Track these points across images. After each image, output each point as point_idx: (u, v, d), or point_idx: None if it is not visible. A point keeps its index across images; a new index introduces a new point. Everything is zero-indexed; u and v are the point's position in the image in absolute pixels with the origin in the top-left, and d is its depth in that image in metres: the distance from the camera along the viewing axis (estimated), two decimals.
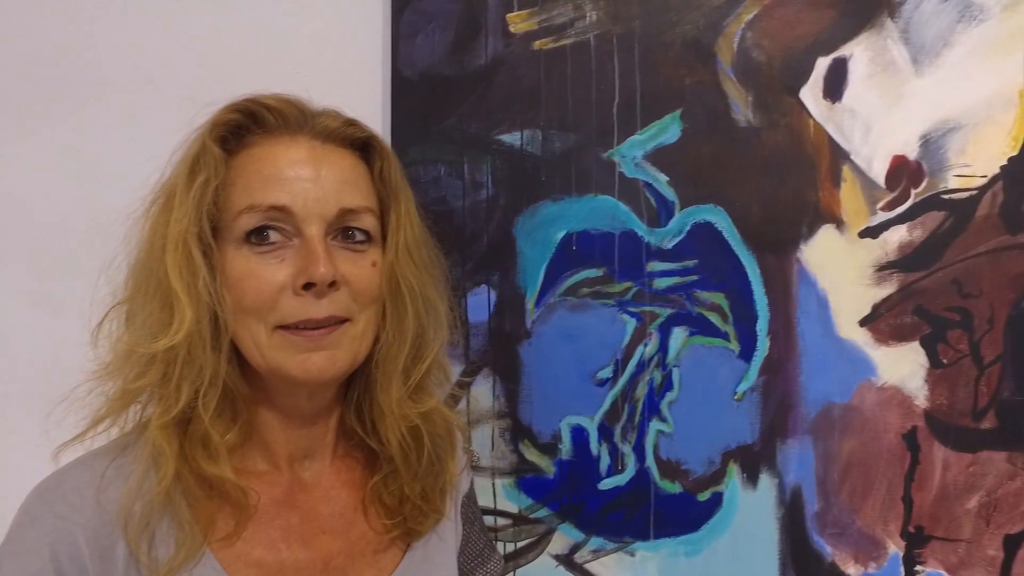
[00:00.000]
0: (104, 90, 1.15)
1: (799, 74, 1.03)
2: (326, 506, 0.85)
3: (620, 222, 1.09)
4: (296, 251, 0.76)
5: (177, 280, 0.74)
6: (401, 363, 0.83)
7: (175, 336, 0.73)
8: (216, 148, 0.76)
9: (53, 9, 1.17)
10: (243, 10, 1.13)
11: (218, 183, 0.76)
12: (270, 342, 0.76)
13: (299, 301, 0.76)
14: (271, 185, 0.76)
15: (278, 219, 0.76)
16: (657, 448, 1.09)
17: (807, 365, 1.04)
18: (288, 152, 0.78)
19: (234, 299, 0.76)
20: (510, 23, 1.10)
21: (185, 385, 0.75)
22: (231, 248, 0.76)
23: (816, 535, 1.04)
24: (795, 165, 1.04)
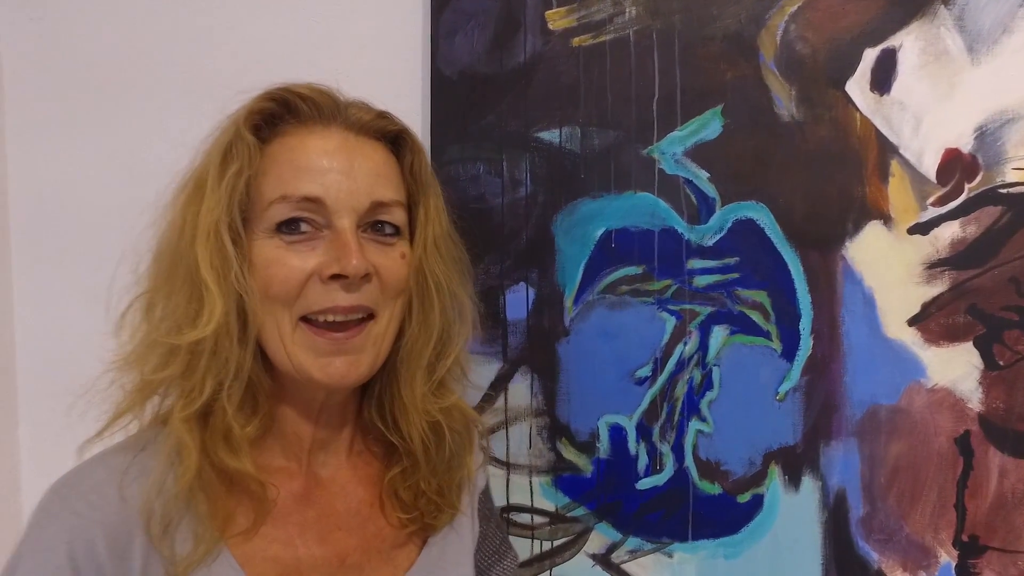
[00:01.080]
0: (152, 90, 1.08)
1: (845, 66, 0.90)
2: (342, 502, 0.77)
3: (660, 219, 0.97)
4: (327, 242, 0.69)
5: (208, 271, 0.66)
6: (426, 358, 0.75)
7: (205, 328, 0.66)
8: (250, 136, 0.69)
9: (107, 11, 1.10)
10: (287, 12, 1.05)
11: (251, 172, 0.68)
12: (293, 336, 0.69)
13: (326, 290, 0.68)
14: (304, 176, 0.69)
15: (310, 210, 0.69)
16: (696, 448, 0.97)
17: (852, 365, 0.92)
18: (322, 142, 0.70)
19: (261, 287, 0.68)
20: (549, 20, 0.99)
21: (210, 378, 0.68)
22: (261, 237, 0.69)
23: (861, 541, 0.91)
24: (840, 160, 0.91)
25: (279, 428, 0.74)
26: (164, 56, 1.07)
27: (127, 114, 1.06)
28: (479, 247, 1.01)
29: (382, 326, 0.72)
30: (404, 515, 0.77)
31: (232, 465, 0.68)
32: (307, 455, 0.76)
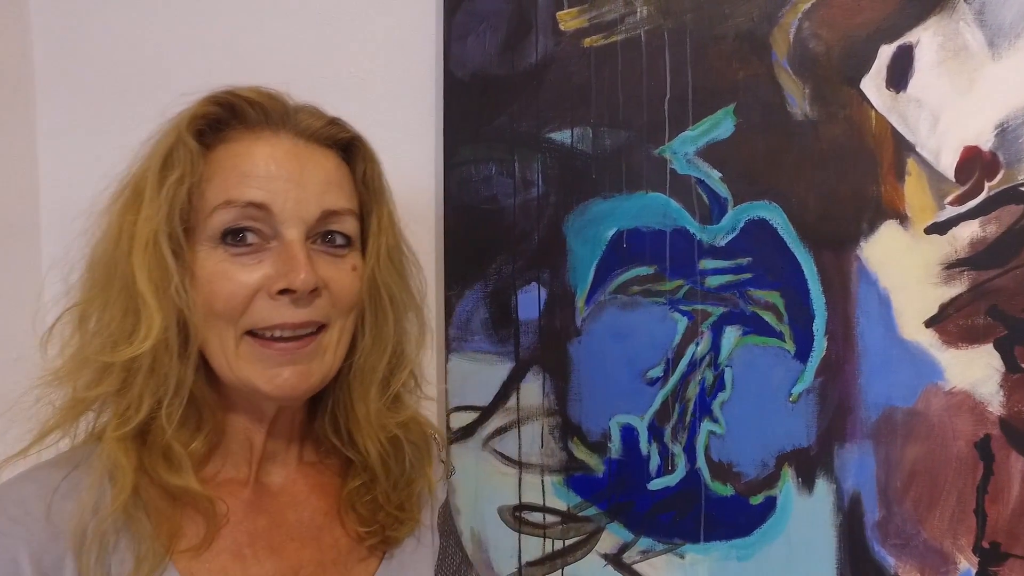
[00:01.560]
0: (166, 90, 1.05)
1: (860, 64, 0.85)
2: (294, 513, 0.70)
3: (671, 219, 0.92)
4: (274, 254, 0.63)
5: (146, 284, 0.60)
6: (380, 372, 0.70)
7: (142, 345, 0.60)
8: (193, 142, 0.62)
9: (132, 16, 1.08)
10: (303, 16, 1.01)
11: (193, 181, 0.62)
12: (238, 350, 0.63)
13: (274, 305, 0.62)
14: (250, 181, 0.62)
15: (256, 218, 0.63)
16: (708, 449, 0.92)
17: (867, 367, 0.86)
18: (270, 148, 0.64)
19: (204, 301, 0.62)
20: (560, 21, 0.94)
21: (147, 395, 0.61)
22: (204, 248, 0.63)
23: (877, 545, 0.85)
24: (855, 159, 0.86)
25: (227, 440, 0.68)
26: (184, 59, 1.05)
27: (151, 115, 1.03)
28: (491, 248, 0.98)
29: (334, 336, 0.67)
30: (363, 528, 0.71)
31: (174, 483, 0.62)
32: (255, 465, 0.69)
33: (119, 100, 1.08)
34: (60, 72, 1.10)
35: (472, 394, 1.00)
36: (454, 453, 1.01)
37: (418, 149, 0.99)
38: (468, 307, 1.00)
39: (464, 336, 1.00)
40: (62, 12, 1.10)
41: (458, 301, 1.00)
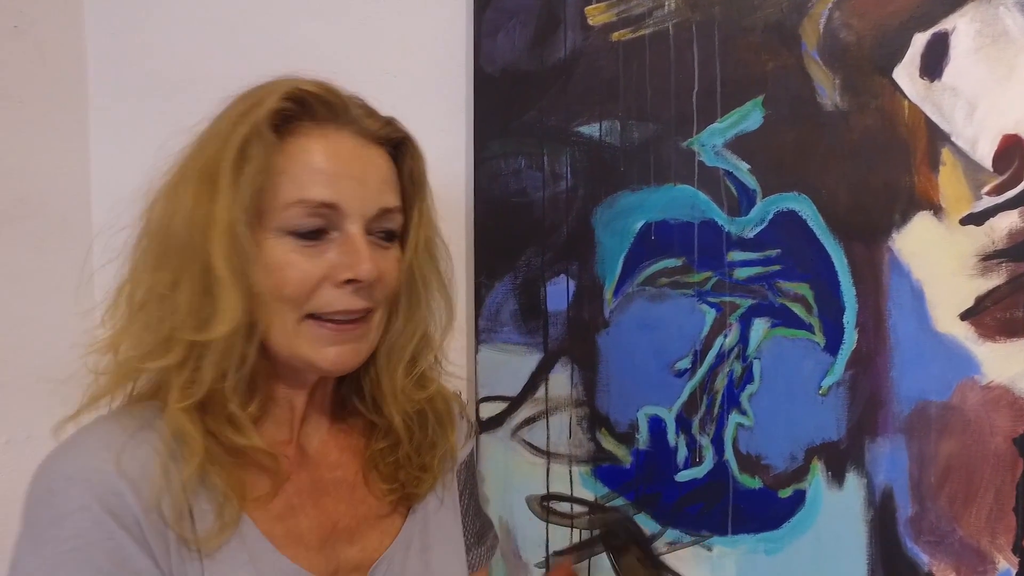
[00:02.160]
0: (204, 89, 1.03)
1: (892, 53, 0.79)
2: (328, 472, 0.73)
3: (699, 211, 0.87)
4: (336, 245, 0.64)
5: (225, 270, 0.60)
6: (409, 353, 0.71)
7: (221, 328, 0.60)
8: (271, 136, 0.62)
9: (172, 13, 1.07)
10: (339, 15, 0.99)
11: (269, 172, 0.62)
12: (297, 330, 0.64)
13: (338, 293, 0.64)
14: (321, 180, 0.63)
15: (325, 215, 0.64)
16: (736, 441, 0.87)
17: (900, 360, 0.80)
18: (336, 146, 0.65)
19: (273, 286, 0.62)
20: (588, 16, 0.90)
21: (211, 370, 0.62)
22: (272, 236, 0.63)
23: (910, 541, 0.79)
24: (887, 149, 0.80)
25: (273, 405, 0.69)
26: (228, 59, 1.03)
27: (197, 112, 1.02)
28: (521, 240, 0.94)
29: (377, 318, 0.69)
30: (385, 486, 0.73)
31: (241, 443, 0.63)
32: (295, 428, 0.71)
33: (167, 97, 1.07)
34: (112, 70, 1.10)
35: (501, 384, 0.96)
36: (483, 442, 0.97)
37: (449, 144, 0.95)
38: (498, 299, 0.96)
39: (493, 327, 0.97)
40: (115, 13, 1.09)
41: (488, 293, 0.96)
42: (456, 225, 0.96)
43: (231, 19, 1.04)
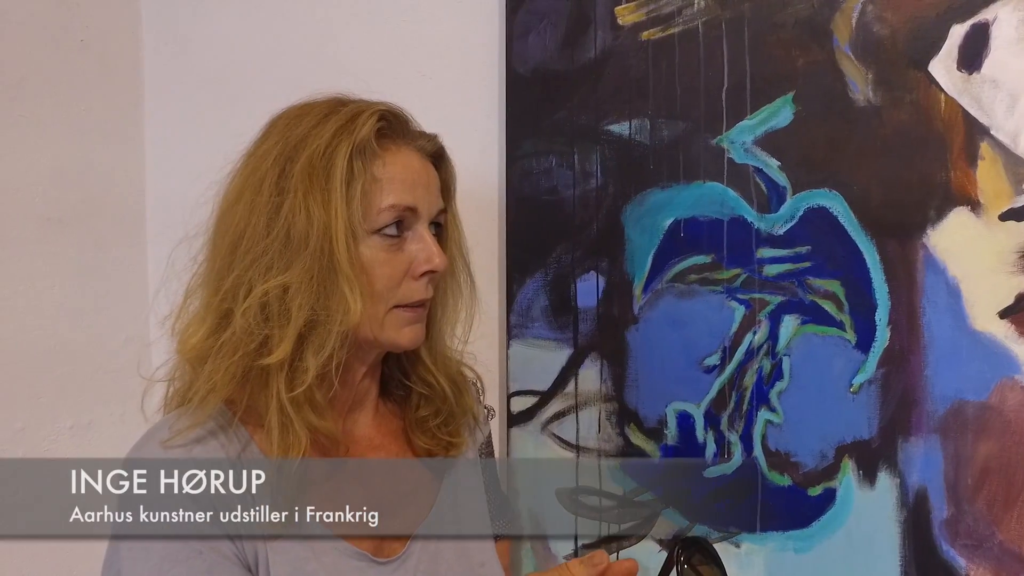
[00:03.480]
0: (246, 91, 1.06)
1: (928, 46, 0.75)
2: (373, 454, 0.78)
3: (729, 208, 0.84)
4: (410, 242, 0.72)
5: (349, 271, 0.66)
6: (449, 328, 0.79)
7: (352, 318, 0.66)
8: (379, 150, 0.70)
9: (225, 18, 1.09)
10: (375, 19, 1.00)
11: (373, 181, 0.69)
12: (386, 319, 0.71)
13: (416, 285, 0.72)
14: (406, 188, 0.71)
15: (406, 217, 0.71)
16: (765, 438, 0.83)
17: (934, 358, 0.76)
18: (411, 159, 0.73)
19: (366, 282, 0.69)
20: (618, 16, 0.88)
21: (315, 361, 0.67)
22: (363, 236, 0.70)
23: (946, 544, 0.75)
24: (921, 144, 0.76)
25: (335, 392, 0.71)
26: (276, 62, 1.05)
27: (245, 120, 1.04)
28: (551, 237, 0.93)
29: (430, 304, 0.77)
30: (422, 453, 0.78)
31: (321, 425, 0.68)
32: (346, 415, 0.76)
33: (217, 105, 1.09)
34: (166, 80, 1.13)
35: (532, 379, 0.95)
36: (514, 435, 0.96)
37: (482, 143, 0.95)
38: (528, 295, 0.95)
39: (524, 323, 0.95)
40: (169, 28, 1.12)
41: (519, 289, 0.95)
42: (488, 222, 0.95)
43: (276, 31, 1.06)
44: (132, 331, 1.12)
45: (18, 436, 1.03)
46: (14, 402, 1.02)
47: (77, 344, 1.07)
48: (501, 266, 0.96)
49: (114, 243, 1.11)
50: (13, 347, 1.02)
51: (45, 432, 1.05)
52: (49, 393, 1.05)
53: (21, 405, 1.03)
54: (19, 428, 1.03)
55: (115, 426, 1.11)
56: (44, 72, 1.04)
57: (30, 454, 1.03)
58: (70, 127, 1.06)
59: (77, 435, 1.09)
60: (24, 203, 1.02)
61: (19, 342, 1.02)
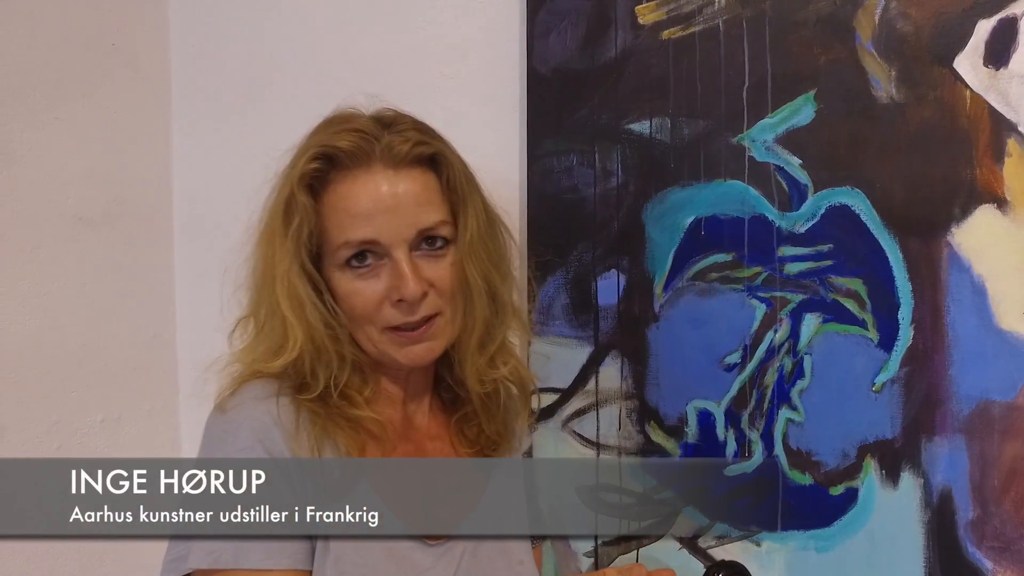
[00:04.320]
0: (270, 94, 1.07)
1: (953, 42, 0.74)
2: (430, 443, 0.80)
3: (750, 206, 0.83)
4: (388, 269, 0.71)
5: (288, 310, 0.70)
6: (474, 342, 0.76)
7: (291, 354, 0.70)
8: (304, 197, 0.71)
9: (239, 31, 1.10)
10: (397, 21, 1.00)
11: (311, 225, 0.71)
12: (380, 339, 0.73)
13: (396, 311, 0.71)
14: (359, 223, 0.70)
15: (369, 248, 0.71)
16: (786, 437, 0.82)
17: (959, 358, 0.74)
18: (367, 187, 0.71)
19: (346, 311, 0.72)
20: (639, 15, 0.87)
21: (320, 372, 0.71)
22: (336, 271, 0.72)
23: (971, 546, 0.73)
24: (946, 141, 0.74)
25: (381, 388, 0.77)
26: (301, 65, 1.05)
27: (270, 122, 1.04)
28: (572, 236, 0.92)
29: (447, 319, 0.74)
30: (468, 450, 0.80)
31: (356, 414, 0.72)
32: (403, 406, 0.79)
33: (243, 107, 1.09)
34: (194, 84, 1.13)
35: (552, 377, 0.94)
36: (535, 432, 0.96)
37: (503, 142, 0.94)
38: (549, 293, 0.94)
39: (545, 321, 0.94)
40: (197, 32, 1.13)
41: (540, 287, 0.94)
42: (509, 221, 0.93)
43: (299, 35, 1.06)
44: (159, 328, 1.13)
45: (53, 429, 1.04)
46: (48, 397, 1.03)
47: (107, 340, 1.08)
48: (522, 264, 0.96)
49: (142, 242, 1.12)
50: (47, 343, 1.03)
51: (78, 425, 1.06)
52: (81, 388, 1.07)
53: (55, 400, 1.04)
54: (54, 421, 1.04)
55: (144, 420, 1.12)
56: (77, 75, 1.06)
57: (64, 446, 1.05)
58: (101, 129, 1.08)
59: (108, 428, 1.10)
60: (57, 203, 1.04)
61: (52, 338, 1.04)
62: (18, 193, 1.01)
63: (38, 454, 1.04)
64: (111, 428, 1.11)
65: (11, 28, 1.00)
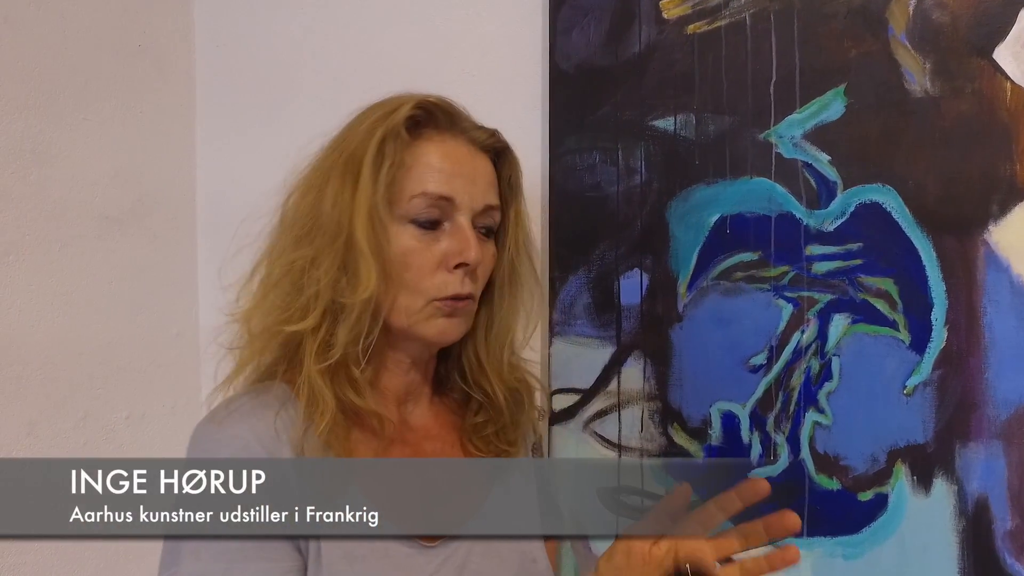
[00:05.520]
0: (293, 92, 1.05)
1: (993, 32, 0.70)
2: (429, 444, 0.77)
3: (777, 204, 0.80)
4: (448, 234, 0.70)
5: (367, 246, 0.67)
6: (511, 337, 0.76)
7: (364, 293, 0.66)
8: (407, 136, 0.69)
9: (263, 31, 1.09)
10: (421, 18, 0.98)
11: (401, 167, 0.69)
12: (421, 309, 0.70)
13: (450, 277, 0.70)
14: (440, 176, 0.70)
15: (441, 207, 0.70)
16: (813, 440, 0.79)
17: (995, 360, 0.71)
18: (454, 150, 0.71)
19: (398, 269, 0.69)
20: (663, 10, 0.84)
21: (345, 335, 0.67)
22: (397, 224, 0.69)
23: (1010, 558, 0.69)
24: (984, 136, 0.71)
25: (379, 380, 0.74)
26: (324, 64, 1.04)
27: (294, 121, 1.03)
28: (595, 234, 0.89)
29: (474, 303, 0.73)
30: (479, 455, 0.77)
31: (359, 404, 0.69)
32: (399, 404, 0.76)
33: (267, 107, 1.08)
34: (218, 76, 1.12)
35: (574, 377, 0.92)
36: (556, 433, 0.93)
37: (526, 140, 0.91)
38: (572, 292, 0.92)
39: (567, 320, 0.92)
40: (222, 32, 1.12)
41: (562, 286, 0.92)
42: (532, 219, 0.92)
43: (322, 34, 1.05)
44: (183, 326, 1.13)
45: (80, 424, 1.04)
46: (76, 392, 1.03)
47: (131, 338, 1.08)
48: (544, 263, 0.93)
49: (166, 241, 1.12)
50: (73, 340, 1.03)
51: (104, 421, 1.06)
52: (107, 384, 1.06)
53: (82, 396, 1.04)
54: (81, 416, 1.04)
55: (167, 417, 1.12)
56: (104, 76, 1.05)
57: (90, 442, 1.05)
58: (127, 129, 1.07)
59: (132, 425, 1.09)
60: (84, 202, 1.03)
61: (79, 336, 1.03)
62: (46, 193, 1.01)
63: (66, 449, 1.03)
64: (135, 424, 1.11)
65: (41, 32, 1.00)
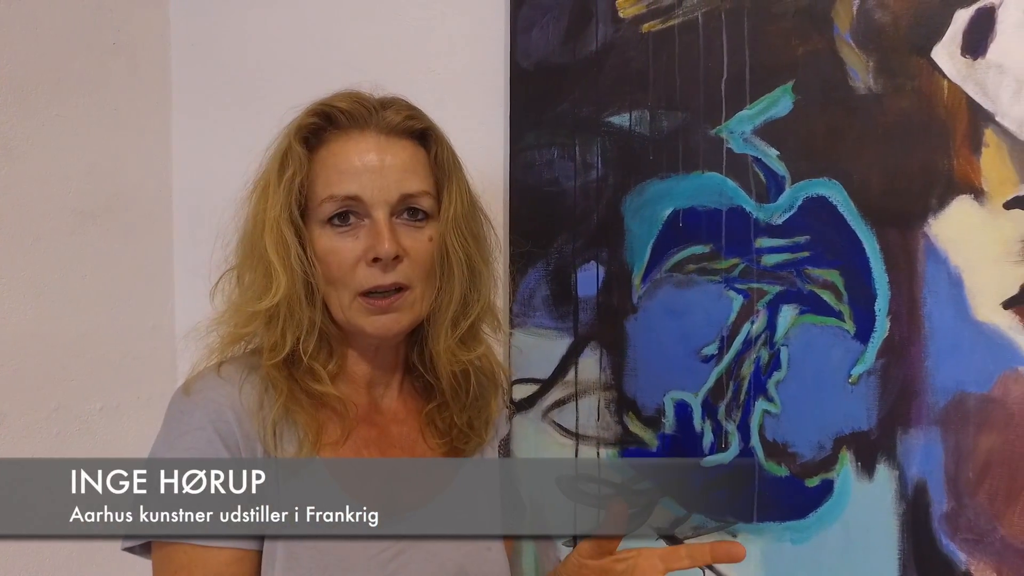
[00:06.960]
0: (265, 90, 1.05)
1: (931, 32, 0.70)
2: (396, 427, 0.78)
3: (727, 198, 0.80)
4: (367, 230, 0.71)
5: (274, 255, 0.70)
6: (448, 318, 0.74)
7: (274, 298, 0.70)
8: (300, 147, 0.71)
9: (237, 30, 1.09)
10: (384, 17, 0.98)
11: (303, 177, 0.71)
12: (351, 305, 0.72)
13: (371, 271, 0.71)
14: (345, 178, 0.71)
15: (352, 205, 0.71)
16: (763, 428, 0.79)
17: (935, 349, 0.71)
18: (357, 147, 0.72)
19: (323, 270, 0.71)
20: (619, 9, 0.84)
21: (288, 333, 0.70)
22: (317, 227, 0.72)
23: (946, 539, 0.69)
24: (923, 132, 0.71)
25: (347, 367, 0.76)
26: (290, 60, 1.04)
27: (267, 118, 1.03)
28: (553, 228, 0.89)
29: (416, 294, 0.73)
30: (437, 440, 0.78)
31: (318, 389, 0.71)
32: (368, 387, 0.77)
33: (241, 104, 1.08)
34: (193, 73, 1.12)
35: (533, 367, 0.92)
36: (516, 423, 0.93)
37: (487, 136, 0.92)
38: (530, 284, 0.91)
39: (526, 312, 0.92)
40: (196, 30, 1.12)
41: (521, 279, 0.92)
42: (492, 213, 0.91)
43: (293, 32, 1.05)
44: (158, 319, 1.12)
45: (52, 416, 1.03)
46: (49, 383, 1.02)
47: (106, 331, 1.07)
48: (503, 256, 0.93)
49: (142, 236, 1.11)
50: (47, 332, 1.02)
51: (77, 412, 1.05)
52: (81, 376, 1.05)
53: (54, 388, 1.03)
54: (54, 408, 1.03)
55: (141, 409, 1.11)
56: (78, 73, 1.05)
57: (63, 432, 1.04)
58: (101, 125, 1.06)
59: (106, 416, 1.09)
60: (58, 197, 1.03)
61: (53, 328, 1.02)
62: (20, 187, 1.00)
63: (38, 439, 1.03)
64: (110, 416, 1.10)
65: (13, 27, 0.99)
